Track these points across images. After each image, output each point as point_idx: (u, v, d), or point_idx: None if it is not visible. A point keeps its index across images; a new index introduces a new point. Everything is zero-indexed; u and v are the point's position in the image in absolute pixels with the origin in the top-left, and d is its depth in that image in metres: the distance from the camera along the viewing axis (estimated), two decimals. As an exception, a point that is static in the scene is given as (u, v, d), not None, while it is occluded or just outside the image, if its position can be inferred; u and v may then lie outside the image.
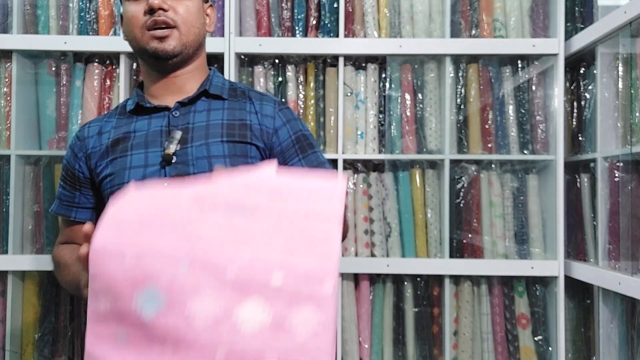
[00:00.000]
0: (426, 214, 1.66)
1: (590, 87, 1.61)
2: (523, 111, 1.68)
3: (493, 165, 1.67)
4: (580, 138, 1.66)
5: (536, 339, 1.64)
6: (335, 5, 1.66)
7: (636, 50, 1.39)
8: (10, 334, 1.60)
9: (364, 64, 1.71)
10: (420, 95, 1.69)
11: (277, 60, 1.69)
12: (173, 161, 0.90)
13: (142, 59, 0.99)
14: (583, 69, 1.65)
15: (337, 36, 1.65)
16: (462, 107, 1.69)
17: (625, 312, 1.43)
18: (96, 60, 1.67)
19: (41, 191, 1.64)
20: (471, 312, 1.66)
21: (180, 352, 0.56)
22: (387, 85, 1.68)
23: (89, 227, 0.66)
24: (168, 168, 0.90)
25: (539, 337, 1.64)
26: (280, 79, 1.69)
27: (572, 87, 1.70)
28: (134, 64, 1.67)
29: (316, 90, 1.69)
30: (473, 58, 1.68)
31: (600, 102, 1.52)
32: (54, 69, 1.67)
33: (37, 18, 1.67)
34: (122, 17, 0.99)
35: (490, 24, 1.68)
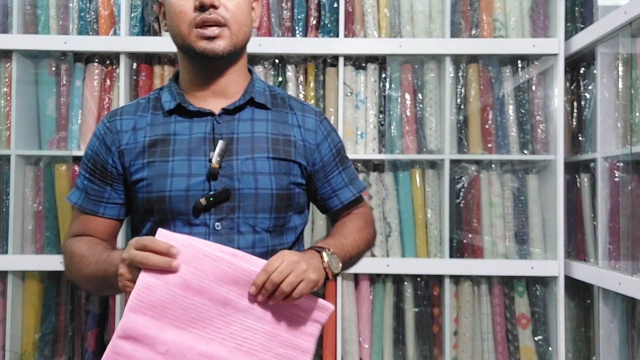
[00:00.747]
0: (426, 214, 1.66)
1: (590, 87, 1.61)
2: (523, 111, 1.68)
3: (493, 165, 1.67)
4: (580, 138, 1.66)
5: (536, 338, 1.64)
6: (335, 5, 1.66)
7: (636, 50, 1.39)
8: (11, 334, 1.59)
9: (364, 64, 1.70)
10: (420, 95, 1.69)
11: (277, 60, 1.69)
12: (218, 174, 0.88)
13: (184, 56, 0.93)
14: (583, 69, 1.65)
15: (337, 36, 1.65)
16: (462, 107, 1.69)
17: (625, 312, 1.43)
18: (96, 60, 1.67)
19: (41, 191, 1.64)
20: (471, 312, 1.66)
21: None
22: (387, 85, 1.68)
23: (167, 246, 0.75)
24: (213, 182, 0.88)
25: (539, 337, 1.64)
26: (280, 78, 1.69)
27: (572, 87, 1.70)
28: (134, 64, 1.67)
29: (316, 90, 1.69)
30: (473, 58, 1.68)
31: (600, 102, 1.52)
32: (54, 69, 1.67)
33: (37, 18, 1.67)
34: (160, 5, 0.95)
35: (490, 24, 1.68)
